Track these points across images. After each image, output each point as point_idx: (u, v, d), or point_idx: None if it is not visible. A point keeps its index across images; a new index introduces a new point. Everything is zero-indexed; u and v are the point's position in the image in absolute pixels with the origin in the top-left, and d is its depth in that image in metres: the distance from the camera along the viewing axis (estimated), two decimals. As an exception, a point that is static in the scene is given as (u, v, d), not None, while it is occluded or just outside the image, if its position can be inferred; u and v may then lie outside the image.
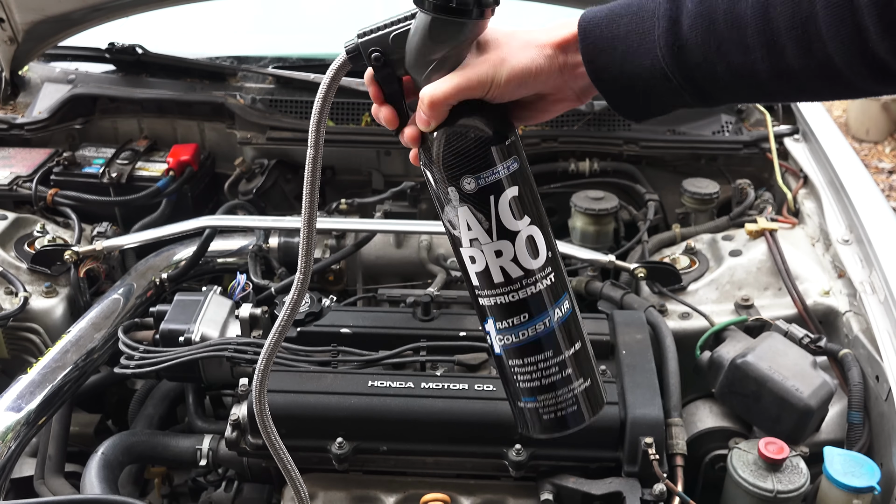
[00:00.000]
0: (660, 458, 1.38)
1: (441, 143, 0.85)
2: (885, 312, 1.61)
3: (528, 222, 0.86)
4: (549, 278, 0.88)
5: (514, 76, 0.84)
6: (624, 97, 0.87)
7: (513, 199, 0.86)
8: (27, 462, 1.62)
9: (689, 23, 0.80)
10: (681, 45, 0.81)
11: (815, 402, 1.51)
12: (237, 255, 2.06)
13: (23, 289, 1.83)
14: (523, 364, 0.90)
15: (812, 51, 0.75)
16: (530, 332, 0.89)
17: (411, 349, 1.55)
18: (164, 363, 1.55)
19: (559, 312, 0.89)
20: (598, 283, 1.90)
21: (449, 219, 0.88)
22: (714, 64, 0.80)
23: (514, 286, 0.87)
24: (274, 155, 2.31)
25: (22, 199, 2.16)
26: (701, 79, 0.82)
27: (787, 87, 0.80)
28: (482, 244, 0.86)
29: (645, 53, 0.82)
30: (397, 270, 2.08)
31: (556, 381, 0.90)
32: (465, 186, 0.85)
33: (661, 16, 0.81)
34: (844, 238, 1.85)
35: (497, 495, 1.45)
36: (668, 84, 0.83)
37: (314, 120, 0.88)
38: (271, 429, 1.01)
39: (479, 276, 0.88)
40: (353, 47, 0.86)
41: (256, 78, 2.45)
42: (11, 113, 2.44)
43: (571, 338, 0.91)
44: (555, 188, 2.31)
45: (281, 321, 0.94)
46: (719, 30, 0.79)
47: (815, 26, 0.73)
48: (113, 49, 2.45)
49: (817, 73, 0.76)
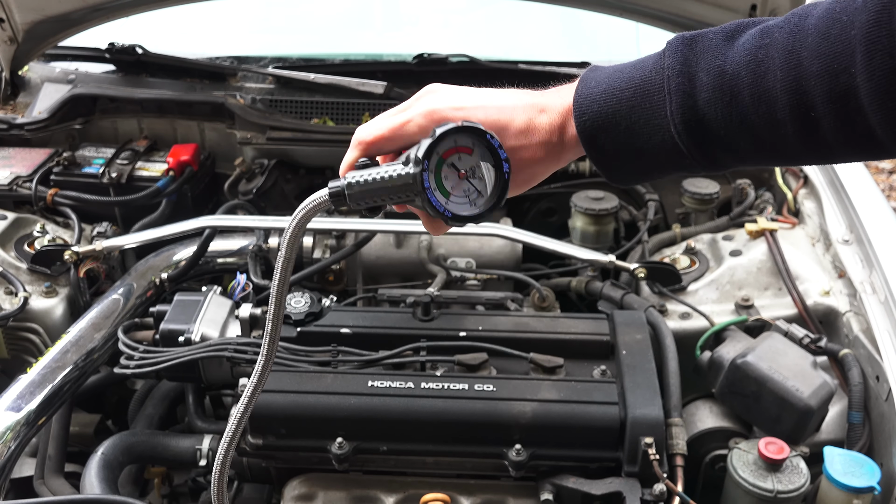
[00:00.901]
0: (660, 458, 1.38)
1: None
2: (885, 312, 1.61)
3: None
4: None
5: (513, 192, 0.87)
6: (625, 171, 0.84)
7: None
8: (27, 462, 1.61)
9: (706, 97, 0.76)
10: (698, 120, 0.77)
11: (816, 402, 1.51)
12: (237, 255, 2.05)
13: (23, 289, 1.83)
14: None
15: (852, 124, 0.71)
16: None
17: (411, 349, 1.55)
18: (164, 363, 1.55)
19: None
20: (598, 283, 1.90)
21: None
22: (737, 139, 0.77)
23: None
24: (274, 155, 2.31)
25: (22, 199, 2.16)
26: (719, 153, 0.79)
27: (817, 157, 0.77)
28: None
29: (654, 130, 0.79)
30: (397, 270, 2.08)
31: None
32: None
33: (672, 90, 0.77)
34: (844, 238, 1.85)
35: (497, 495, 1.45)
36: (679, 159, 0.80)
37: (284, 251, 0.90)
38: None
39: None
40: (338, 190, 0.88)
41: (256, 78, 2.45)
42: (11, 113, 2.44)
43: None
44: (555, 188, 2.31)
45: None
46: (743, 104, 0.75)
47: (856, 100, 0.70)
48: (113, 49, 2.45)
49: (855, 145, 0.73)
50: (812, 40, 0.72)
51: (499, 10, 2.81)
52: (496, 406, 1.40)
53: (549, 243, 1.88)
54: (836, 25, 0.70)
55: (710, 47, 0.77)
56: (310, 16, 3.01)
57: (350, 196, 0.86)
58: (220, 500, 1.00)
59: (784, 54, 0.73)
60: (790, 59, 0.72)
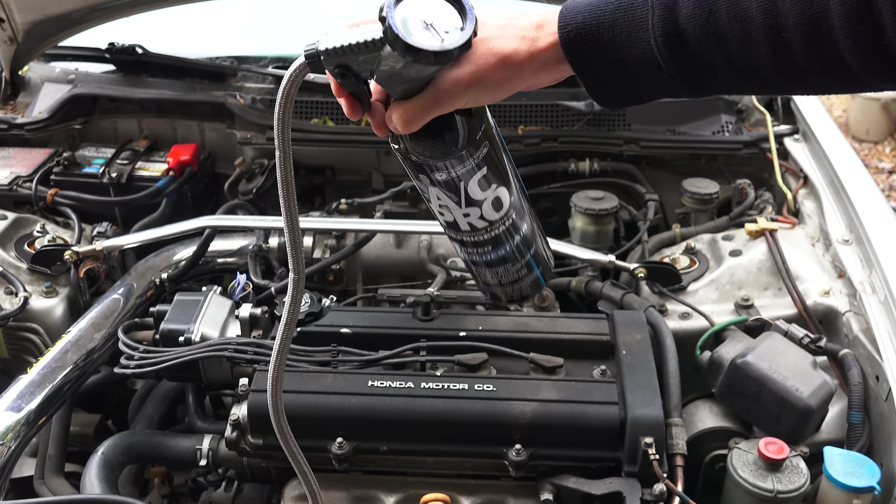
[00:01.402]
0: (660, 458, 1.38)
1: (411, 144, 0.86)
2: (885, 312, 1.61)
3: (495, 188, 0.92)
4: (511, 217, 0.97)
5: (489, 96, 0.84)
6: (604, 84, 0.85)
7: (482, 177, 0.90)
8: (27, 462, 1.61)
9: (687, 13, 0.78)
10: (677, 35, 0.78)
11: (815, 402, 1.51)
12: (237, 255, 2.05)
13: (23, 289, 1.83)
14: (488, 270, 1.05)
15: (822, 46, 0.73)
16: (492, 256, 1.02)
17: (411, 349, 1.55)
18: (164, 363, 1.55)
19: (517, 236, 1.00)
20: (598, 283, 1.90)
21: (419, 186, 0.93)
22: (713, 56, 0.79)
23: (478, 232, 0.97)
24: (274, 155, 2.31)
25: (22, 199, 2.16)
26: (696, 70, 0.80)
27: (789, 81, 0.79)
28: (451, 209, 0.93)
29: (635, 42, 0.80)
30: (397, 270, 2.08)
31: (513, 280, 1.07)
32: (436, 177, 0.88)
33: (655, 4, 0.79)
34: (844, 238, 1.85)
35: (497, 495, 1.45)
36: (657, 73, 0.81)
37: (278, 127, 0.85)
38: (286, 428, 1.05)
39: (448, 224, 0.97)
40: (312, 54, 0.80)
41: (256, 78, 2.45)
42: (11, 113, 2.44)
43: (529, 247, 1.04)
44: (555, 188, 2.31)
45: (286, 318, 0.94)
46: (720, 21, 0.77)
47: (827, 23, 0.72)
48: (113, 49, 2.45)
49: (824, 69, 0.75)
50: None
51: (498, 10, 2.81)
52: (496, 406, 1.40)
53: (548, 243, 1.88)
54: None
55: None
56: (310, 16, 3.01)
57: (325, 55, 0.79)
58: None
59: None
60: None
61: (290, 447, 1.02)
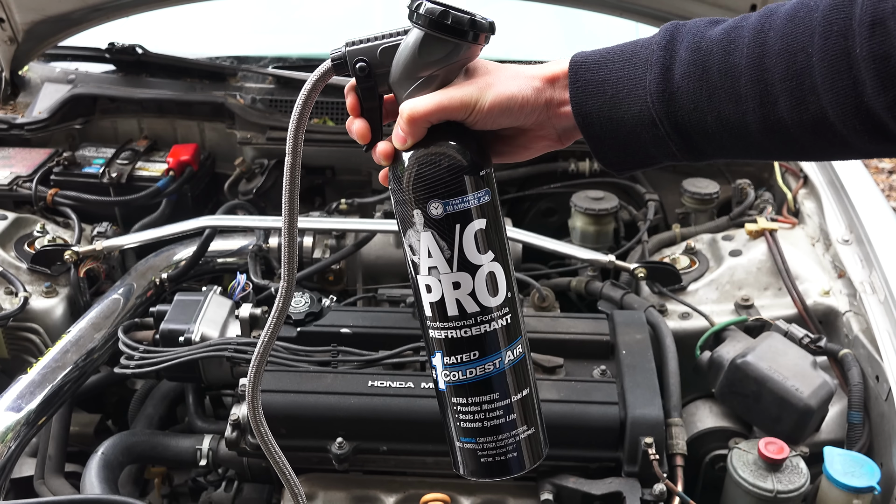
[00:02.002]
0: (660, 458, 1.38)
1: (414, 164, 0.81)
2: (885, 312, 1.61)
3: (492, 258, 0.82)
4: (506, 319, 0.84)
5: (498, 102, 0.81)
6: (608, 144, 0.84)
7: (479, 231, 0.82)
8: (27, 462, 1.62)
9: (681, 70, 0.79)
10: (672, 92, 0.79)
11: (815, 402, 1.51)
12: (237, 255, 2.05)
13: (23, 289, 1.83)
14: (467, 403, 0.86)
15: (806, 103, 0.73)
16: (478, 371, 0.84)
17: (411, 349, 1.55)
18: (164, 363, 1.55)
19: (511, 355, 0.85)
20: (598, 283, 1.90)
21: (410, 243, 0.84)
22: (704, 113, 0.78)
23: (468, 321, 0.83)
24: (274, 155, 2.31)
25: (22, 199, 2.16)
26: (690, 128, 0.80)
27: (779, 141, 0.78)
28: (441, 273, 0.82)
29: (634, 100, 0.81)
30: (397, 270, 2.08)
31: (499, 425, 0.86)
32: (431, 211, 0.81)
33: (653, 62, 0.80)
34: (844, 238, 1.85)
35: (497, 495, 1.45)
36: (654, 131, 0.81)
37: (292, 126, 0.84)
38: (264, 428, 1.00)
39: (432, 307, 0.84)
40: (339, 55, 0.83)
41: (256, 78, 2.45)
42: (11, 113, 2.44)
43: (520, 383, 0.87)
44: (555, 188, 2.31)
45: (271, 320, 0.91)
46: (712, 78, 0.77)
47: (810, 79, 0.72)
48: (113, 49, 2.45)
49: (810, 128, 0.75)
50: (780, 22, 0.75)
51: (499, 10, 2.82)
52: (496, 406, 1.40)
53: (548, 243, 1.88)
54: (803, 9, 0.74)
55: (695, 28, 0.81)
56: (310, 16, 3.01)
57: (349, 45, 0.82)
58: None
59: (753, 33, 0.76)
60: (758, 37, 0.75)
61: (268, 446, 0.99)
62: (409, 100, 0.82)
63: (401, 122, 0.82)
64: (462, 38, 0.78)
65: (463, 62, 0.82)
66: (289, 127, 0.85)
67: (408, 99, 0.82)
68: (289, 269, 0.88)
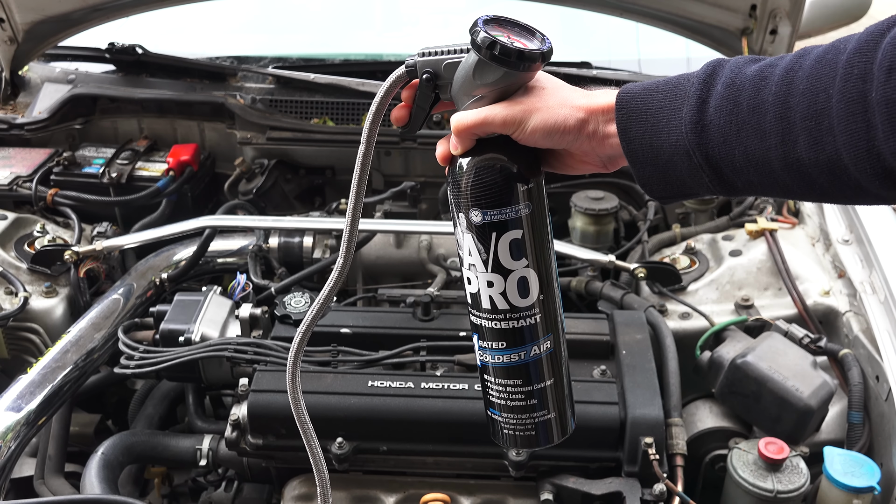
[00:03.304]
0: (660, 458, 1.38)
1: (461, 171, 0.88)
2: (885, 312, 1.61)
3: (525, 265, 0.89)
4: (535, 318, 0.91)
5: (540, 128, 0.86)
6: (649, 171, 0.87)
7: (514, 241, 0.88)
8: (27, 462, 1.61)
9: (715, 104, 0.81)
10: (704, 125, 0.81)
11: (815, 402, 1.51)
12: (237, 255, 2.05)
13: (23, 289, 1.83)
14: (494, 383, 0.95)
15: (822, 143, 0.74)
16: (504, 359, 0.93)
17: (411, 349, 1.55)
18: (164, 363, 1.55)
19: (537, 349, 0.93)
20: (598, 283, 1.90)
21: (457, 238, 0.92)
22: (732, 147, 0.80)
23: (497, 316, 0.91)
24: (274, 155, 2.31)
25: (22, 199, 2.16)
26: (720, 161, 0.82)
27: (798, 180, 0.79)
28: (477, 271, 0.90)
29: (672, 130, 0.83)
30: (397, 270, 2.08)
31: (518, 407, 0.95)
32: (472, 217, 0.88)
33: (691, 94, 0.83)
34: (844, 238, 1.85)
35: (497, 495, 1.45)
36: (689, 162, 0.83)
37: (369, 119, 0.92)
38: (306, 420, 1.07)
39: (471, 297, 0.93)
40: (412, 63, 0.90)
41: (256, 78, 2.45)
42: (11, 113, 2.44)
43: (544, 374, 0.94)
44: (555, 188, 2.31)
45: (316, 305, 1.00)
46: (741, 113, 0.79)
47: (828, 120, 0.73)
48: (113, 49, 2.45)
49: (826, 169, 0.76)
50: (810, 62, 0.76)
51: (498, 11, 2.81)
52: (496, 406, 1.40)
53: (548, 243, 1.88)
54: (832, 52, 0.75)
55: (735, 64, 0.83)
56: (310, 16, 3.01)
57: (421, 55, 0.90)
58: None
59: (783, 72, 0.78)
60: (787, 75, 0.77)
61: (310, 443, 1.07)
62: (459, 112, 0.89)
63: (452, 125, 0.88)
64: (512, 67, 0.84)
65: (518, 84, 0.88)
66: (364, 125, 0.93)
67: (463, 111, 0.89)
68: (347, 248, 1.00)
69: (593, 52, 2.61)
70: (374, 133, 0.93)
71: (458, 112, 0.89)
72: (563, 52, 2.77)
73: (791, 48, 2.12)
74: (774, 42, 2.12)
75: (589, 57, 2.42)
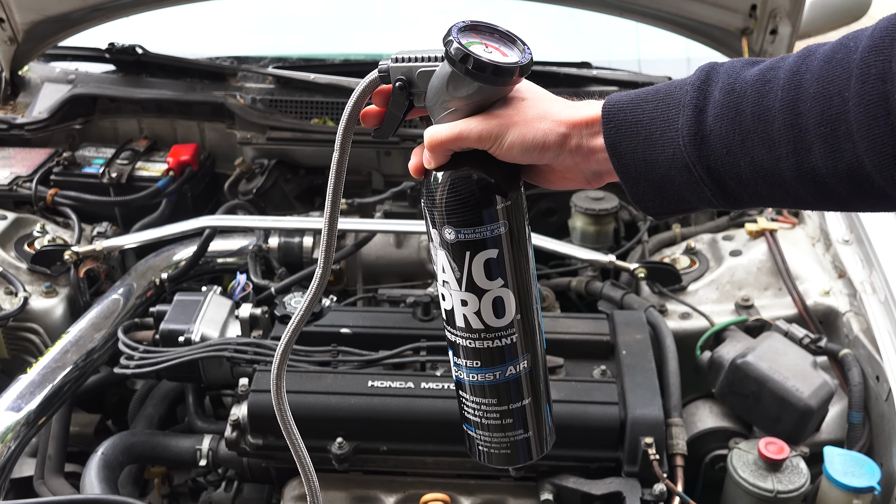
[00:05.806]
0: (660, 458, 1.38)
1: (435, 185, 0.83)
2: (885, 312, 1.61)
3: (500, 284, 0.85)
4: (511, 338, 0.87)
5: (518, 143, 0.81)
6: (643, 187, 0.81)
7: (489, 260, 0.84)
8: (27, 462, 1.62)
9: (714, 113, 0.75)
10: (704, 136, 0.76)
11: (816, 402, 1.51)
12: (237, 255, 2.05)
13: (23, 289, 1.83)
14: (469, 400, 0.91)
15: (841, 151, 0.69)
16: (479, 378, 0.89)
17: (411, 349, 1.55)
18: (164, 363, 1.55)
19: (513, 370, 0.88)
20: (598, 283, 1.90)
21: (431, 252, 0.88)
22: (737, 158, 0.75)
23: (472, 335, 0.87)
24: (274, 155, 2.31)
25: (22, 199, 2.16)
26: (723, 174, 0.77)
27: (814, 190, 0.74)
28: (451, 289, 0.86)
29: (667, 142, 0.78)
30: (397, 270, 2.08)
31: (494, 425, 0.90)
32: (445, 235, 0.83)
33: (686, 104, 0.77)
34: (844, 238, 1.85)
35: (497, 495, 1.45)
36: (688, 176, 0.78)
37: (342, 127, 0.87)
38: (290, 422, 1.02)
39: (446, 313, 0.89)
40: (385, 69, 0.85)
41: (256, 78, 2.45)
42: (11, 113, 2.44)
43: (520, 394, 0.90)
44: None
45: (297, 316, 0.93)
46: (745, 122, 0.74)
47: (846, 125, 0.68)
48: (113, 49, 2.45)
49: (846, 177, 0.70)
50: (817, 63, 0.71)
51: (499, 11, 2.82)
52: (496, 406, 1.40)
53: (549, 243, 1.88)
54: (841, 51, 0.70)
55: (732, 68, 0.77)
56: (310, 16, 3.01)
57: (394, 61, 0.85)
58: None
59: (789, 75, 0.72)
60: (793, 79, 0.72)
61: (294, 444, 1.00)
62: (432, 126, 0.83)
63: (425, 139, 0.83)
64: (487, 82, 0.79)
65: (494, 97, 0.82)
66: (338, 130, 0.87)
67: (437, 123, 0.84)
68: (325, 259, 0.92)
69: (593, 52, 2.61)
70: (349, 140, 0.87)
71: (432, 126, 0.83)
72: (564, 52, 2.79)
73: (791, 48, 2.12)
74: (774, 42, 2.12)
75: (589, 57, 2.42)
